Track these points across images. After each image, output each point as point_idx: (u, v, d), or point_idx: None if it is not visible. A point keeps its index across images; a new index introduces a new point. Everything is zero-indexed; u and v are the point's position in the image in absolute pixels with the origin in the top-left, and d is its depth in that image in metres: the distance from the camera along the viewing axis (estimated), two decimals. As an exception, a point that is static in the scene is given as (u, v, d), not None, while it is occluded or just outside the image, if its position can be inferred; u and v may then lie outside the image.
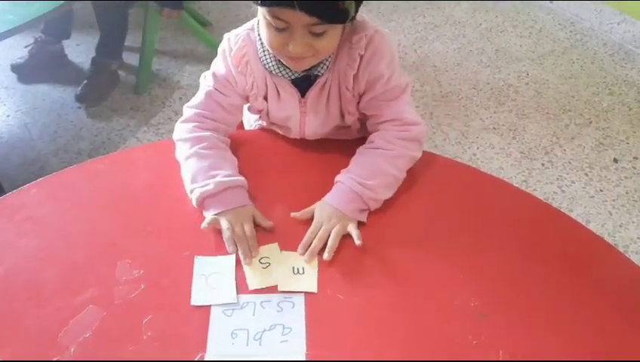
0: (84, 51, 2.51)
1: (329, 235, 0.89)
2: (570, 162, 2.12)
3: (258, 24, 0.95)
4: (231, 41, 1.01)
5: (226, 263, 0.86)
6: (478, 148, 2.17)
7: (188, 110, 1.03)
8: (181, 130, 1.01)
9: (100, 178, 1.02)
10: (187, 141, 0.99)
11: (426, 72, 2.53)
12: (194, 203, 0.93)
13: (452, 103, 2.37)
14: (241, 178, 0.96)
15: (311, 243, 0.89)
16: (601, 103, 2.39)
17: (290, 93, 1.02)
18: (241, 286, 0.83)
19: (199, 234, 0.90)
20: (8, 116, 2.24)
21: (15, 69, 2.39)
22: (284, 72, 0.98)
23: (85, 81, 2.27)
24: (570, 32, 2.83)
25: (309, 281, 0.84)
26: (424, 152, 1.08)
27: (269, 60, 0.98)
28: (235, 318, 0.79)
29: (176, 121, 1.04)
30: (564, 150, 2.17)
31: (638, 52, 2.68)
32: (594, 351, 0.78)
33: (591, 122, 2.30)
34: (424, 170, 1.04)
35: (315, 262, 0.87)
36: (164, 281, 0.84)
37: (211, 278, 0.84)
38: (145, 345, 0.76)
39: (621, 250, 1.77)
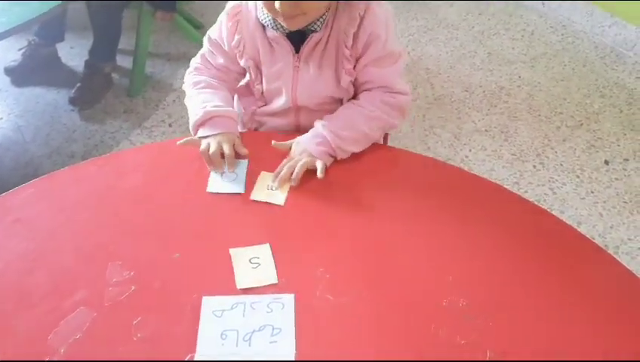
0: (77, 54, 2.51)
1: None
2: (561, 164, 2.13)
3: None
4: (231, 4, 1.11)
5: (240, 165, 1.04)
6: (470, 150, 2.18)
7: (192, 62, 1.19)
8: (185, 80, 1.17)
9: (90, 180, 1.02)
10: (188, 87, 1.15)
11: (419, 75, 2.55)
12: (192, 133, 1.08)
13: (445, 106, 2.38)
14: (229, 108, 1.10)
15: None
16: (592, 105, 2.41)
17: (284, 46, 1.08)
18: (230, 286, 0.84)
19: (189, 236, 0.91)
20: (1, 119, 2.24)
21: (8, 71, 2.39)
22: (279, 27, 1.05)
23: (79, 84, 2.27)
24: (562, 34, 2.85)
25: (279, 196, 0.98)
26: (414, 155, 1.10)
27: (266, 15, 1.05)
28: (225, 319, 0.79)
29: (169, 123, 1.07)
30: (556, 152, 2.18)
31: (629, 55, 2.70)
32: (582, 351, 0.78)
33: (582, 124, 2.31)
34: (415, 172, 1.05)
35: (287, 184, 1.00)
36: (154, 283, 0.84)
37: (225, 174, 1.02)
38: (135, 346, 0.76)
39: (611, 251, 1.79)
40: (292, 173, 1.00)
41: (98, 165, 1.06)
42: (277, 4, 0.94)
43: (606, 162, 2.14)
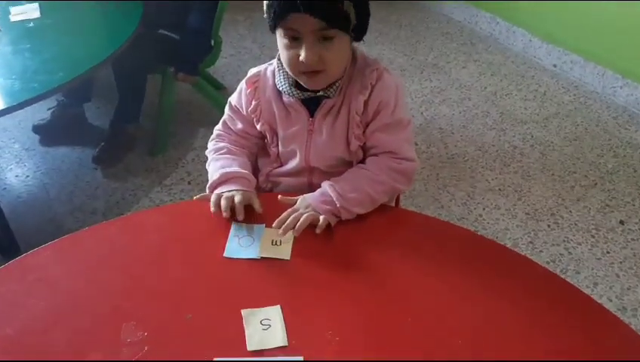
0: (103, 114, 2.62)
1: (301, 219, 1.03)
2: (576, 224, 2.13)
3: (279, 57, 1.11)
4: (251, 72, 1.19)
5: (257, 230, 1.05)
6: (484, 209, 2.19)
7: (215, 129, 1.26)
8: (208, 146, 1.23)
9: (110, 240, 1.06)
10: (209, 153, 1.21)
11: (432, 135, 2.60)
12: (208, 193, 1.11)
13: (458, 165, 2.42)
14: (247, 172, 1.14)
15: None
16: (606, 165, 2.42)
17: (299, 111, 1.15)
18: (241, 347, 0.85)
19: (202, 297, 0.94)
20: (27, 177, 2.32)
21: (36, 129, 2.49)
22: (294, 93, 1.12)
23: (102, 144, 2.37)
24: (574, 95, 2.90)
25: (284, 251, 1.01)
26: (420, 215, 1.12)
27: (283, 83, 1.12)
28: (235, 381, 0.80)
29: (188, 181, 1.11)
30: (570, 211, 2.18)
31: (642, 115, 2.73)
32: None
33: (596, 184, 2.32)
34: (421, 233, 1.08)
35: (290, 237, 1.02)
36: (166, 343, 0.86)
37: (243, 239, 1.03)
38: (145, 407, 0.77)
39: (629, 313, 1.77)
40: (296, 225, 1.02)
41: (117, 226, 1.10)
42: (302, 56, 1.01)
43: (621, 222, 2.13)
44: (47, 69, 1.74)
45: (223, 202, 1.05)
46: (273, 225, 1.04)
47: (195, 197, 1.09)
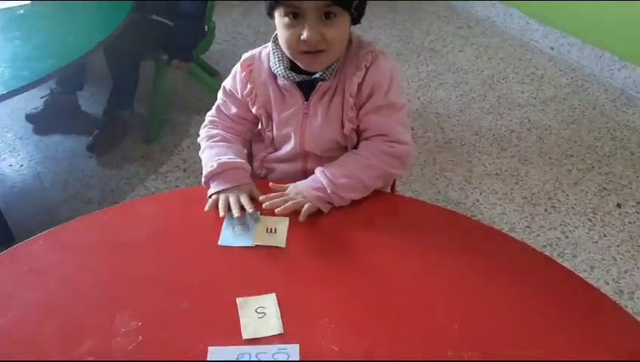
0: (96, 102, 2.59)
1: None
2: (573, 207, 2.12)
3: (274, 39, 1.10)
4: (245, 55, 1.17)
5: (252, 218, 1.04)
6: (481, 193, 2.18)
7: (207, 116, 1.23)
8: (201, 133, 1.21)
9: (103, 229, 1.05)
10: (202, 140, 1.19)
11: (429, 119, 2.58)
12: (203, 183, 1.10)
13: (455, 149, 2.40)
14: (243, 161, 1.12)
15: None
16: (603, 148, 2.41)
17: (294, 95, 1.13)
18: (236, 336, 0.85)
19: (197, 286, 0.93)
20: (22, 166, 2.30)
21: (30, 118, 2.47)
22: (289, 75, 1.09)
23: (96, 131, 2.34)
24: (572, 78, 2.88)
25: (280, 238, 1.00)
26: (417, 201, 1.11)
27: (278, 65, 1.10)
28: (230, 370, 0.80)
29: (184, 169, 1.10)
30: (567, 195, 2.18)
31: (639, 97, 2.71)
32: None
33: (593, 167, 2.31)
34: (417, 219, 1.07)
35: (286, 224, 1.02)
36: (161, 333, 0.85)
37: (237, 227, 1.02)
38: (140, 397, 0.77)
39: (626, 296, 1.77)
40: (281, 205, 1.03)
41: (111, 215, 1.09)
42: (304, 35, 0.99)
43: (618, 205, 2.13)
44: (38, 57, 1.71)
45: (233, 206, 1.04)
46: (260, 198, 1.05)
47: (205, 209, 1.06)
